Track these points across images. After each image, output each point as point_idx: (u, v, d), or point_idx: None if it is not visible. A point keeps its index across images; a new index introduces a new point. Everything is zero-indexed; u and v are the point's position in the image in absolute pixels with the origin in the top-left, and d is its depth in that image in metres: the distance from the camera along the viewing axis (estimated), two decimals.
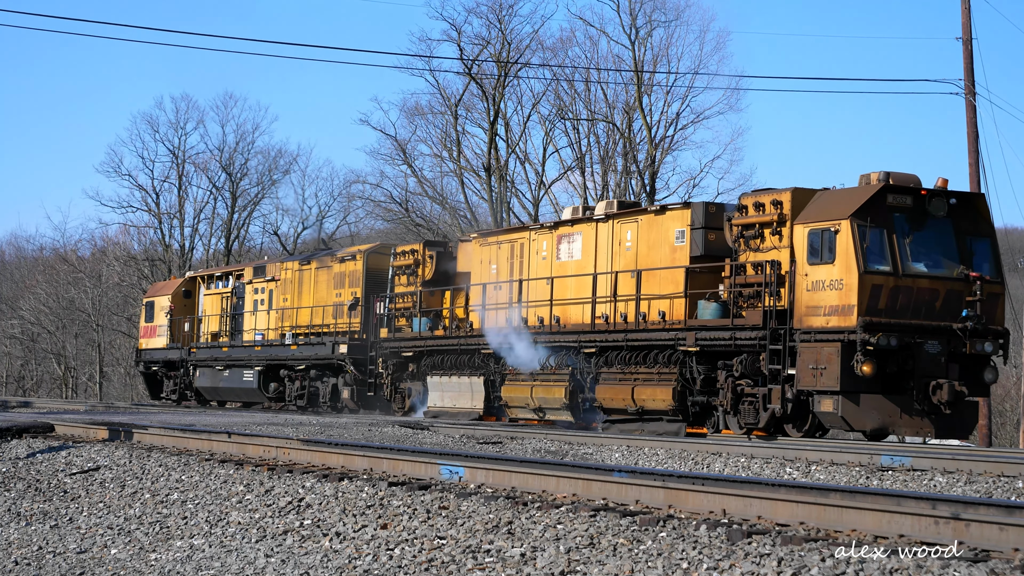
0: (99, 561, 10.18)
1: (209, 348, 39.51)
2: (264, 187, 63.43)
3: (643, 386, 22.68)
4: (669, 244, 22.82)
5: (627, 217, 24.05)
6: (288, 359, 34.96)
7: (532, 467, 11.56)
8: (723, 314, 21.43)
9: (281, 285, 36.32)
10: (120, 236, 67.75)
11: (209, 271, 43.23)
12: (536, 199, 50.50)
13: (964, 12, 31.83)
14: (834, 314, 19.57)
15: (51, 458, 15.39)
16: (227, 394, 39.17)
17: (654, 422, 22.58)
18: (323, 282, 34.55)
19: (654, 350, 22.65)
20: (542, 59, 49.35)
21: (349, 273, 33.41)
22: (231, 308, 39.26)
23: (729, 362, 21.16)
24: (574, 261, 25.19)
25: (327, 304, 33.96)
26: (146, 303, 44.71)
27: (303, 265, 35.67)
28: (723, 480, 11.16)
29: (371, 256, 32.98)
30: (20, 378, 72.96)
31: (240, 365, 37.39)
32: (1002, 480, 13.48)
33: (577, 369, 24.62)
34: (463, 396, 27.46)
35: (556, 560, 7.98)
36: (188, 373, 40.65)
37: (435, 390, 28.45)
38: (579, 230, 25.15)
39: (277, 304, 36.53)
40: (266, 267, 37.70)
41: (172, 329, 41.71)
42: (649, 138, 47.68)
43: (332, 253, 35.52)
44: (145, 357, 44.05)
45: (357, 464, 12.74)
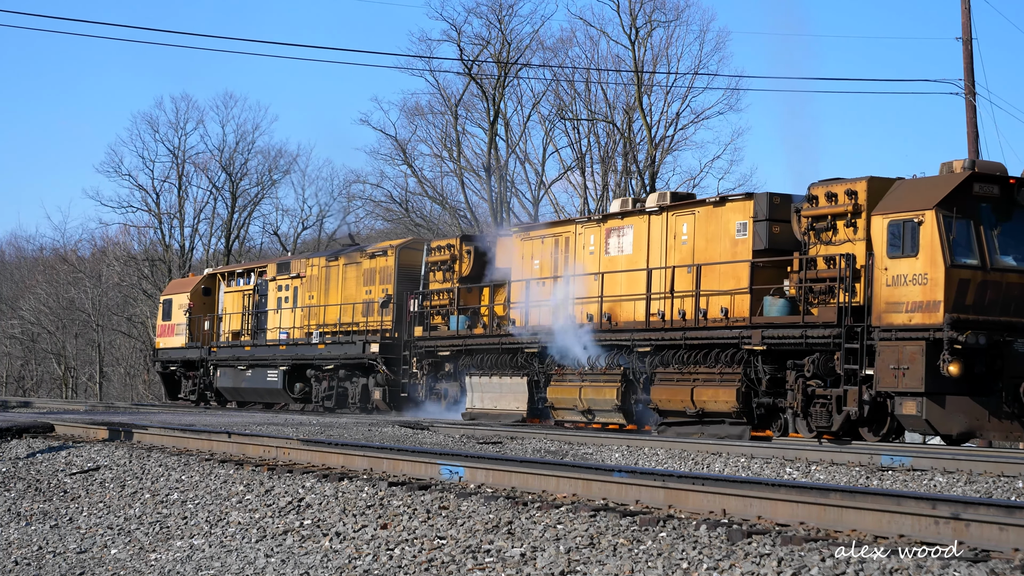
0: (99, 561, 10.18)
1: (231, 347, 38.28)
2: (264, 187, 63.47)
3: (703, 387, 21.59)
4: (729, 237, 21.75)
5: (682, 209, 22.93)
6: (315, 359, 33.82)
7: (532, 467, 11.56)
8: (791, 311, 20.42)
9: (307, 282, 35.10)
10: (120, 236, 67.79)
11: (230, 268, 41.94)
12: (536, 199, 50.54)
13: (964, 12, 31.83)
14: (917, 311, 18.54)
15: (51, 458, 15.39)
16: (250, 395, 37.86)
17: (715, 425, 21.45)
18: (352, 279, 33.35)
19: (715, 349, 21.62)
20: (542, 59, 49.41)
21: (380, 269, 32.26)
22: (253, 306, 38.02)
23: (799, 362, 20.16)
24: (624, 256, 24.07)
25: (356, 301, 32.80)
26: (163, 301, 43.48)
27: (331, 261, 34.42)
28: (723, 480, 11.16)
29: (403, 251, 31.88)
30: (20, 378, 72.98)
31: (264, 365, 36.23)
32: (1002, 480, 13.48)
33: (629, 369, 23.53)
34: (505, 397, 26.38)
35: (556, 560, 7.98)
36: (208, 373, 39.46)
37: (474, 391, 27.34)
38: (630, 223, 24.03)
39: (303, 302, 35.30)
40: (291, 263, 36.41)
41: (191, 328, 40.41)
42: (649, 138, 47.69)
43: (362, 249, 34.10)
44: (162, 356, 42.78)
45: (357, 464, 12.74)
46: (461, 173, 50.97)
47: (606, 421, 24.11)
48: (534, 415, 25.88)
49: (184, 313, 40.64)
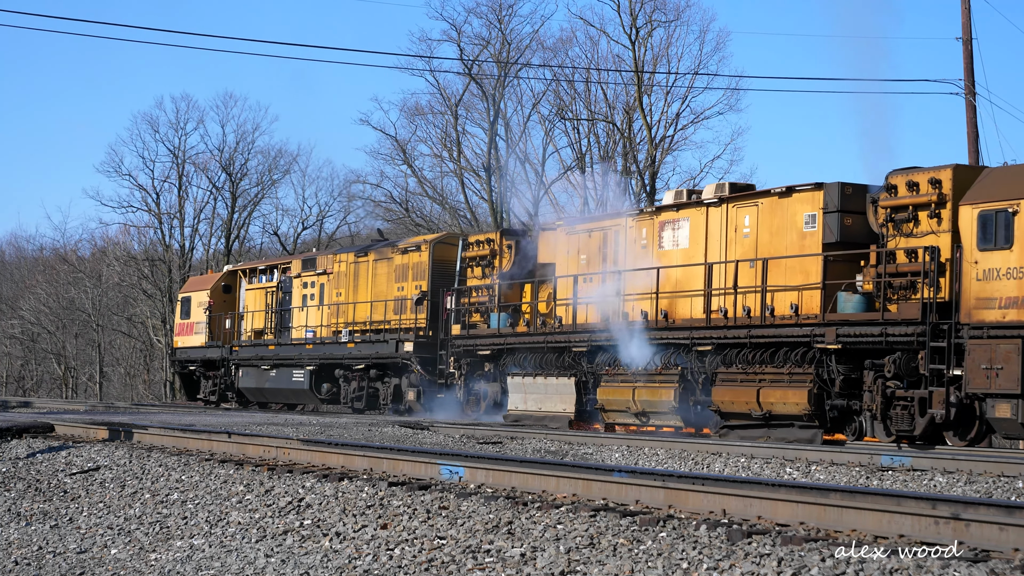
0: (99, 561, 10.18)
1: (253, 346, 36.97)
2: (264, 187, 63.46)
3: (771, 388, 20.47)
4: (796, 229, 20.63)
5: (744, 200, 21.75)
6: (345, 358, 32.60)
7: (532, 467, 11.57)
8: (868, 307, 19.32)
9: (334, 278, 33.86)
10: (120, 236, 67.76)
11: (251, 264, 40.65)
12: (536, 199, 50.53)
13: (964, 12, 31.83)
14: (1012, 307, 17.51)
15: (51, 458, 15.38)
16: (274, 395, 36.64)
17: (783, 428, 20.31)
18: (382, 275, 32.19)
19: (783, 348, 20.48)
20: (542, 59, 49.38)
21: (413, 265, 31.02)
22: (277, 303, 36.72)
23: (879, 361, 19.09)
24: (680, 250, 22.89)
25: (388, 299, 31.61)
26: (182, 298, 42.23)
27: (359, 257, 33.22)
28: (723, 480, 11.16)
29: (437, 246, 30.60)
30: (20, 378, 72.98)
31: (289, 364, 35.00)
32: (1002, 480, 13.48)
33: (687, 368, 22.30)
34: (550, 399, 25.22)
35: (556, 560, 7.98)
36: (229, 373, 38.26)
37: (516, 392, 26.16)
38: (686, 215, 22.79)
39: (330, 299, 34.03)
40: (316, 259, 35.25)
41: (211, 326, 39.20)
42: (649, 138, 47.69)
43: (393, 244, 32.92)
44: (181, 356, 41.41)
45: (357, 464, 12.74)
46: (461, 173, 50.98)
47: (662, 424, 22.98)
48: (581, 418, 24.78)
49: (204, 311, 39.45)
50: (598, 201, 47.79)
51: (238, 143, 63.02)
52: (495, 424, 24.82)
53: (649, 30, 47.96)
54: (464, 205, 51.36)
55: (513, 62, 49.07)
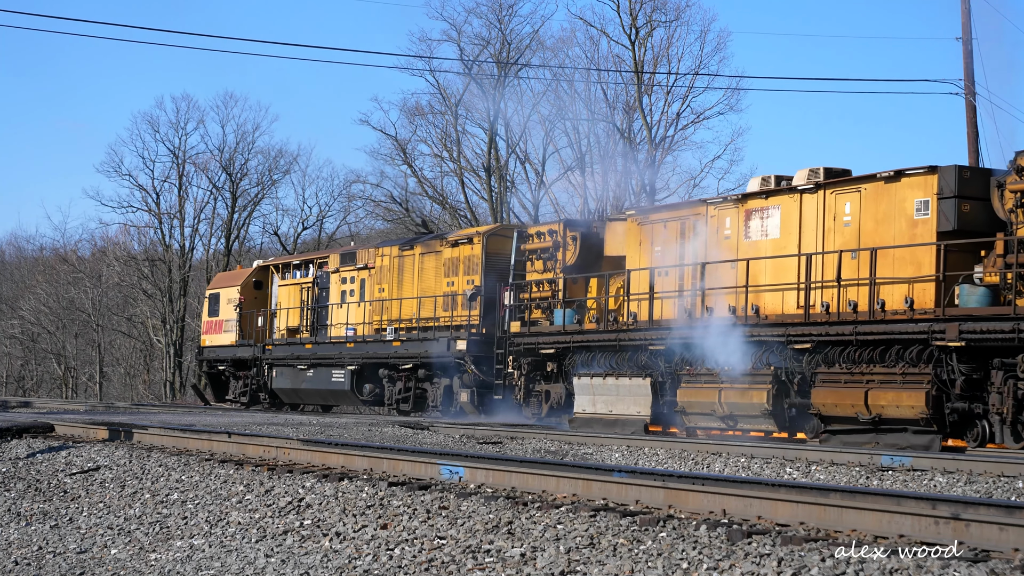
0: (99, 561, 10.18)
1: (288, 345, 35.29)
2: (264, 187, 63.49)
3: (881, 389, 18.96)
4: (906, 217, 19.07)
5: (844, 186, 20.23)
6: (390, 357, 30.97)
7: (532, 467, 11.56)
8: (993, 301, 17.83)
9: (376, 273, 32.23)
10: (120, 236, 67.82)
11: (284, 259, 38.83)
12: (536, 199, 50.55)
13: (964, 12, 31.84)
14: None
15: (51, 458, 15.38)
16: (311, 396, 35.11)
17: (894, 433, 18.88)
18: (430, 269, 30.50)
19: (895, 345, 18.93)
20: (542, 59, 49.42)
21: (464, 259, 29.37)
22: (312, 300, 35.01)
23: (1009, 360, 17.56)
24: (769, 240, 21.33)
25: (436, 294, 30.01)
26: (209, 295, 40.43)
27: (404, 250, 31.60)
28: (723, 480, 11.15)
29: (491, 238, 29.04)
30: (20, 378, 73.00)
31: (328, 364, 33.39)
32: (1002, 480, 13.48)
33: (781, 368, 20.70)
34: (623, 401, 23.58)
35: (556, 560, 7.98)
36: (262, 373, 36.52)
37: (584, 393, 24.49)
38: (776, 203, 21.25)
39: (371, 295, 32.43)
40: (356, 253, 33.62)
41: (242, 324, 37.48)
42: (649, 138, 47.70)
43: (441, 236, 31.14)
44: (209, 355, 39.70)
45: (357, 464, 12.74)
46: (461, 173, 51.01)
47: (751, 428, 21.31)
48: (657, 421, 23.27)
49: (234, 308, 37.99)
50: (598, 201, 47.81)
51: (238, 143, 63.11)
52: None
53: (649, 30, 48.01)
54: (464, 205, 51.39)
55: (513, 62, 49.09)
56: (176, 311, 61.72)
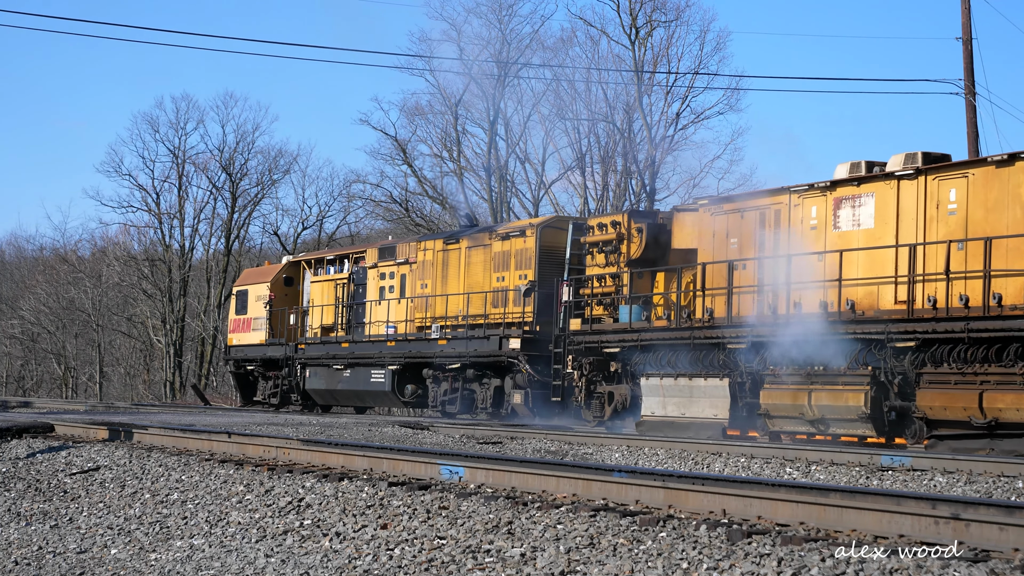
0: (99, 561, 10.18)
1: (323, 344, 33.84)
2: (264, 187, 63.51)
3: (999, 391, 17.59)
4: (1021, 204, 17.72)
5: (948, 172, 18.88)
6: (435, 356, 29.46)
7: (532, 467, 11.56)
8: None
9: (418, 268, 30.79)
10: (120, 236, 67.90)
11: (317, 254, 37.44)
12: (536, 199, 50.56)
13: (964, 12, 31.84)
14: None
15: (51, 458, 15.38)
16: (347, 398, 33.64)
17: (1014, 439, 17.54)
18: (478, 263, 29.02)
19: (1013, 343, 17.56)
20: (542, 59, 49.42)
21: (516, 252, 27.87)
22: (348, 297, 33.53)
23: None
24: (863, 230, 19.85)
25: (485, 290, 28.56)
26: (237, 292, 38.86)
27: (449, 244, 30.07)
28: (723, 480, 11.15)
29: (545, 231, 27.51)
30: (20, 378, 73.03)
31: (366, 364, 31.86)
32: (1002, 480, 13.48)
33: (880, 368, 19.24)
34: (697, 403, 22.16)
35: (556, 560, 7.98)
36: (294, 373, 35.08)
37: (653, 395, 23.00)
38: (869, 191, 19.80)
39: (413, 291, 30.99)
40: (396, 248, 32.19)
41: (272, 322, 36.03)
42: (649, 138, 47.70)
43: (490, 229, 29.72)
44: (237, 355, 38.05)
45: (357, 464, 12.74)
46: (461, 173, 51.00)
47: (845, 433, 19.88)
48: (735, 425, 21.69)
49: (264, 306, 36.45)
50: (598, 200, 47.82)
51: (238, 143, 63.19)
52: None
53: (649, 30, 48.05)
54: (464, 205, 51.41)
55: (513, 62, 49.10)
56: (176, 311, 61.73)
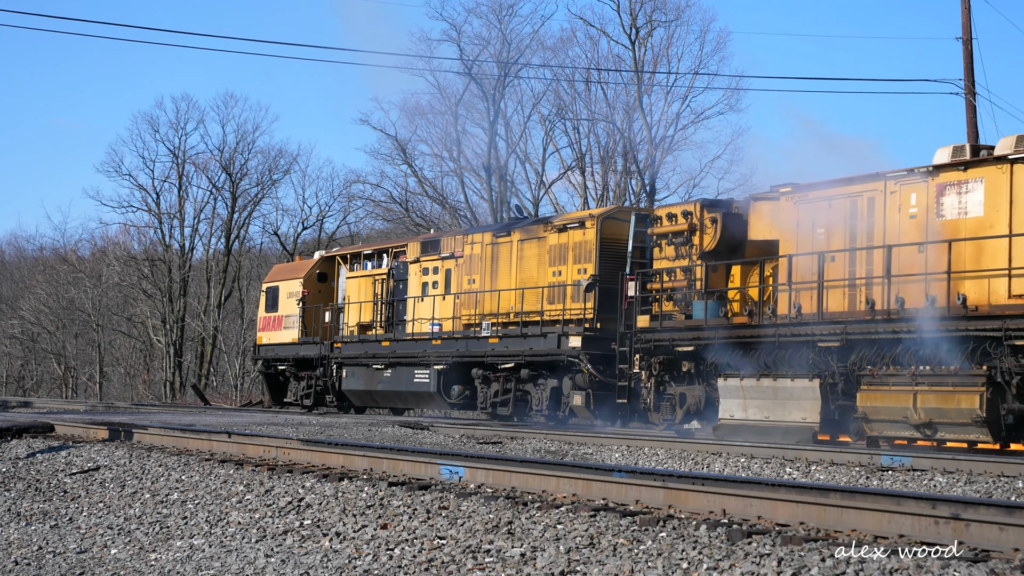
0: (99, 561, 10.18)
1: (361, 343, 32.32)
2: (264, 187, 63.50)
3: None
4: None
5: None
6: (486, 355, 27.95)
7: (532, 467, 11.56)
8: None
9: (465, 263, 29.39)
10: (120, 236, 67.92)
11: (352, 248, 35.84)
12: (536, 199, 50.56)
13: (964, 12, 31.83)
14: None
15: (51, 458, 15.38)
16: (388, 399, 32.15)
17: None
18: (531, 257, 27.56)
19: None
20: (542, 59, 49.45)
21: (575, 245, 26.33)
22: (387, 293, 32.06)
23: None
24: (971, 218, 18.39)
25: (540, 285, 27.03)
26: (266, 288, 37.17)
27: (499, 236, 28.61)
28: (723, 480, 11.15)
29: (607, 222, 25.94)
30: (20, 378, 73.02)
31: (409, 363, 30.40)
32: (1002, 480, 13.48)
33: (996, 368, 17.80)
34: (783, 406, 20.56)
35: (556, 560, 7.98)
36: (329, 373, 33.62)
37: (732, 397, 21.39)
38: (978, 175, 18.40)
39: (459, 287, 29.51)
40: (440, 241, 30.62)
41: (305, 320, 34.61)
42: (649, 138, 47.71)
43: (546, 220, 28.00)
44: (267, 354, 36.44)
45: (357, 464, 12.74)
46: (461, 173, 51.02)
47: (956, 438, 18.41)
48: (826, 429, 20.27)
49: (296, 303, 35.03)
50: (598, 201, 47.84)
51: (238, 143, 63.19)
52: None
53: (649, 30, 48.06)
54: (464, 205, 51.41)
55: (513, 62, 49.11)
56: (176, 311, 61.73)
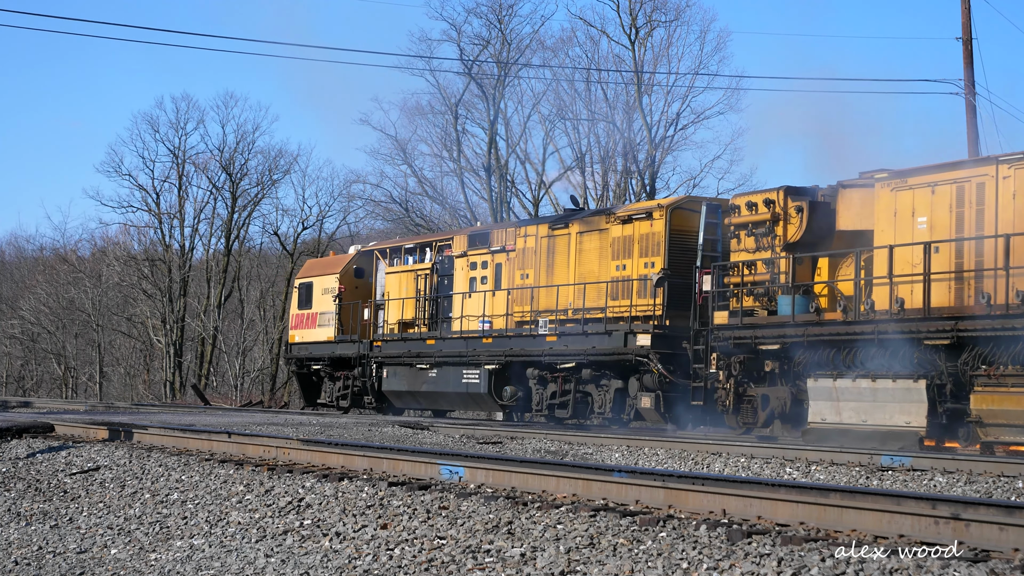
0: (99, 561, 10.18)
1: (404, 341, 30.93)
2: (264, 187, 63.49)
3: None
4: None
5: None
6: (544, 354, 26.51)
7: (532, 467, 11.56)
8: None
9: (517, 256, 27.98)
10: (120, 236, 67.90)
11: (392, 243, 34.44)
12: (536, 199, 50.57)
13: (964, 12, 31.83)
14: None
15: (51, 458, 15.38)
16: (433, 400, 30.80)
17: None
18: (592, 250, 26.05)
19: None
20: (542, 59, 49.46)
21: (641, 237, 24.80)
22: (431, 289, 30.63)
23: None
24: None
25: (602, 279, 25.55)
26: (299, 285, 35.72)
27: (556, 229, 27.11)
28: (723, 480, 11.15)
29: (676, 212, 24.40)
30: (20, 378, 73.02)
31: (457, 363, 29.10)
32: (1002, 480, 13.48)
33: None
34: (883, 408, 19.17)
35: (556, 560, 7.98)
36: (367, 373, 32.34)
37: (823, 399, 19.93)
38: None
39: (511, 282, 28.08)
40: (490, 234, 29.18)
41: (342, 317, 33.30)
42: (649, 138, 47.70)
43: (608, 211, 26.39)
44: (300, 353, 35.07)
45: (357, 464, 12.74)
46: (461, 173, 51.00)
47: None
48: (931, 434, 18.93)
49: (333, 300, 33.69)
50: (598, 201, 47.84)
51: (238, 143, 63.14)
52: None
53: (649, 30, 48.07)
54: (464, 205, 51.41)
55: (513, 62, 49.12)
56: (176, 311, 61.73)
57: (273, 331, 61.15)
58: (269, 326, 62.17)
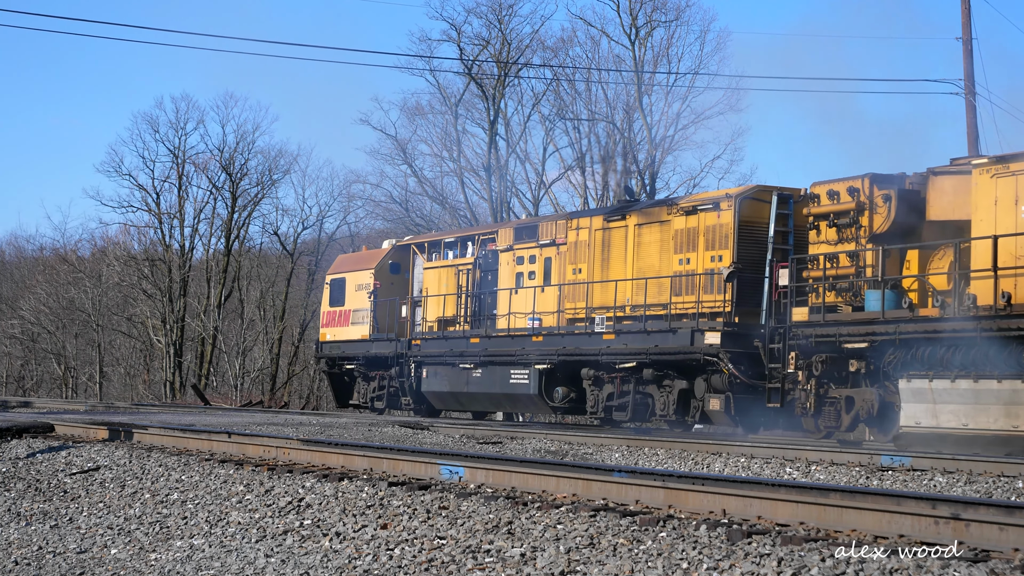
0: (99, 561, 10.18)
1: (445, 339, 29.57)
2: (264, 187, 63.47)
3: None
4: None
5: None
6: (600, 354, 24.97)
7: (532, 467, 11.56)
8: None
9: (568, 250, 26.53)
10: (120, 236, 67.86)
11: (430, 236, 32.97)
12: (536, 199, 50.56)
13: (964, 12, 31.84)
14: None
15: (51, 458, 15.38)
16: (478, 401, 29.60)
17: None
18: (652, 243, 24.60)
19: None
20: (542, 59, 49.46)
21: (707, 229, 23.39)
22: (473, 285, 29.29)
23: None
24: None
25: (663, 274, 24.13)
26: (330, 281, 34.26)
27: (612, 221, 25.63)
28: (723, 480, 11.15)
29: (746, 203, 22.89)
30: (20, 378, 73.01)
31: (504, 362, 27.67)
32: (1002, 480, 13.48)
33: None
34: (986, 411, 17.83)
35: (556, 560, 7.98)
36: (405, 373, 30.98)
37: (918, 401, 18.56)
38: None
39: (561, 277, 26.65)
40: (539, 227, 27.69)
41: (378, 315, 31.77)
42: (649, 138, 47.70)
43: (670, 202, 25.14)
44: (332, 351, 33.69)
45: (357, 464, 12.74)
46: (461, 173, 51.00)
47: None
48: None
49: (368, 296, 32.26)
50: (598, 200, 47.84)
51: (238, 143, 63.08)
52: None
53: (649, 30, 48.05)
54: (464, 205, 51.41)
55: (513, 62, 49.12)
56: (176, 311, 61.72)
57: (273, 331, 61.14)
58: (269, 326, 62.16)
